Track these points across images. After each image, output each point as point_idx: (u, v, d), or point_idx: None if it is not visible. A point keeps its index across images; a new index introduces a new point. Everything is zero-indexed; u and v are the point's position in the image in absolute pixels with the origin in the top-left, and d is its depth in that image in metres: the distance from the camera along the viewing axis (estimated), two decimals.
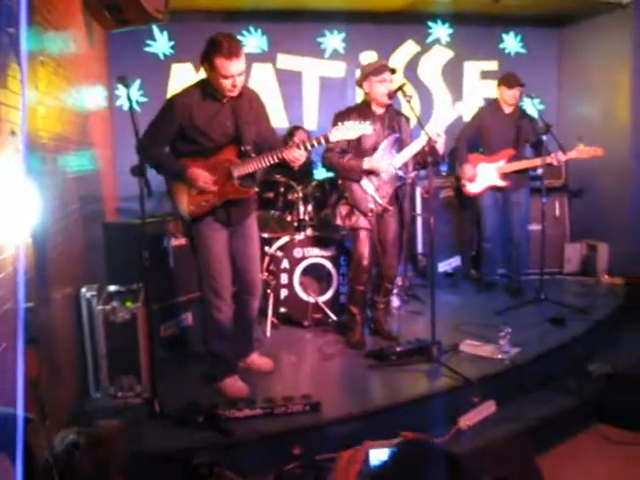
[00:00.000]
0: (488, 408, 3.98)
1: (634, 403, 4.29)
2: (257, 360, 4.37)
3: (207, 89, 3.76)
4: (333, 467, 1.52)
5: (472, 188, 6.16)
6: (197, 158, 3.81)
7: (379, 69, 4.62)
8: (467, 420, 3.83)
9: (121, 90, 6.03)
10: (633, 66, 6.59)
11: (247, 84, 4.00)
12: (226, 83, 3.65)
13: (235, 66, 3.60)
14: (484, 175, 6.09)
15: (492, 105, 6.23)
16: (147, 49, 6.46)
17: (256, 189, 4.13)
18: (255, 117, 3.96)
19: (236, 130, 3.84)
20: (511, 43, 7.55)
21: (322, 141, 3.92)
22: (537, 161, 5.84)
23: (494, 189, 6.10)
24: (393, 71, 4.65)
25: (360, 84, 4.75)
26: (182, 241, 4.70)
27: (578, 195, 7.25)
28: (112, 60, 6.18)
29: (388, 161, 4.65)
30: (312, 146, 3.88)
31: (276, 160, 3.83)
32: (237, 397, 3.82)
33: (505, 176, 6.01)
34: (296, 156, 3.83)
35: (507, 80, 6.01)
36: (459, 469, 1.35)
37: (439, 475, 1.31)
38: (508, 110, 6.07)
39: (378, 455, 1.43)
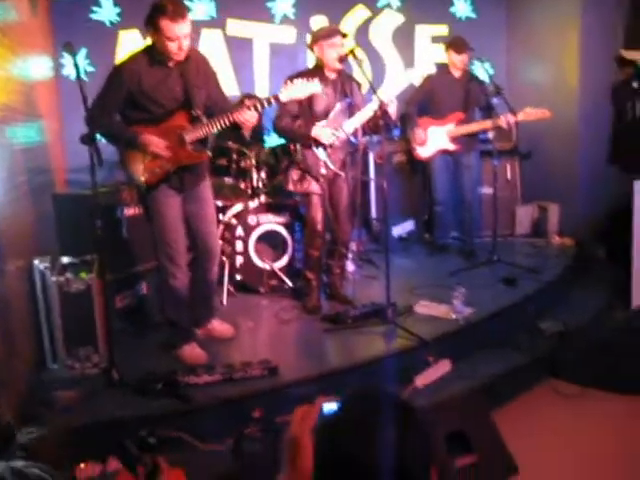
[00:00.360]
0: (443, 367, 4.06)
1: (583, 359, 4.44)
2: (218, 327, 4.38)
3: (154, 54, 3.72)
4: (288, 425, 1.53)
5: (423, 152, 6.21)
6: (148, 125, 3.77)
7: (330, 33, 4.60)
8: (423, 379, 3.91)
9: (67, 59, 5.89)
10: (582, 29, 6.66)
11: (194, 48, 3.95)
12: (172, 46, 3.62)
13: (180, 28, 3.57)
14: (434, 139, 6.13)
15: (441, 69, 6.27)
16: (92, 16, 6.30)
17: (209, 154, 4.11)
18: (204, 81, 3.93)
19: (185, 95, 3.81)
20: (461, 7, 7.56)
21: (272, 101, 3.92)
22: (486, 123, 5.90)
23: (445, 153, 6.15)
24: (344, 35, 4.64)
25: (311, 48, 4.72)
26: (135, 210, 4.66)
27: (528, 157, 7.35)
28: (57, 29, 5.98)
29: (335, 130, 4.64)
30: (262, 106, 3.88)
31: (228, 123, 3.82)
32: (195, 364, 3.83)
33: (455, 139, 6.07)
34: (247, 118, 3.83)
35: (455, 45, 6.03)
36: (411, 414, 1.38)
37: (391, 420, 1.33)
38: (457, 74, 6.10)
39: (330, 408, 1.45)
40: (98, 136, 3.57)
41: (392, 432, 1.31)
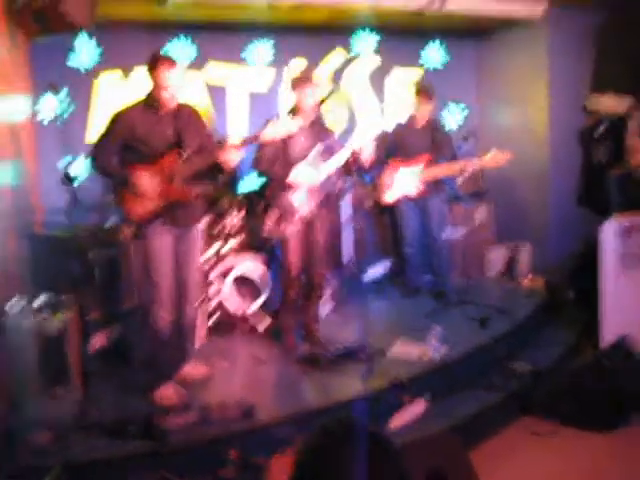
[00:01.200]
0: (418, 407, 4.09)
1: (556, 397, 4.51)
2: (194, 369, 4.38)
3: (148, 102, 4.03)
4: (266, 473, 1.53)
5: (391, 196, 6.30)
6: (141, 165, 3.96)
7: (308, 79, 4.72)
8: (398, 419, 3.93)
9: (45, 100, 5.92)
10: (550, 75, 6.90)
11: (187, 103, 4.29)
12: (165, 94, 3.94)
13: (174, 75, 3.94)
14: (403, 183, 6.24)
15: (410, 116, 6.38)
16: (72, 58, 6.36)
17: (198, 190, 4.24)
18: (195, 128, 4.16)
19: (177, 136, 4.05)
20: (433, 53, 7.75)
21: (254, 139, 4.19)
22: (454, 167, 6.03)
23: (413, 196, 6.25)
24: (322, 81, 4.75)
25: (290, 93, 4.83)
26: (112, 252, 4.68)
27: (499, 200, 7.49)
28: (37, 69, 6.03)
29: (313, 173, 4.72)
30: (246, 144, 4.13)
31: (213, 160, 4.07)
32: (173, 405, 3.83)
33: (423, 183, 6.17)
34: (231, 157, 4.05)
35: (422, 93, 6.18)
36: (385, 446, 1.39)
37: (361, 452, 1.33)
38: (424, 121, 6.24)
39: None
40: (78, 178, 3.69)
41: (365, 463, 1.32)
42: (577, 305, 6.36)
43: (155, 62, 3.96)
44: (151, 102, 4.02)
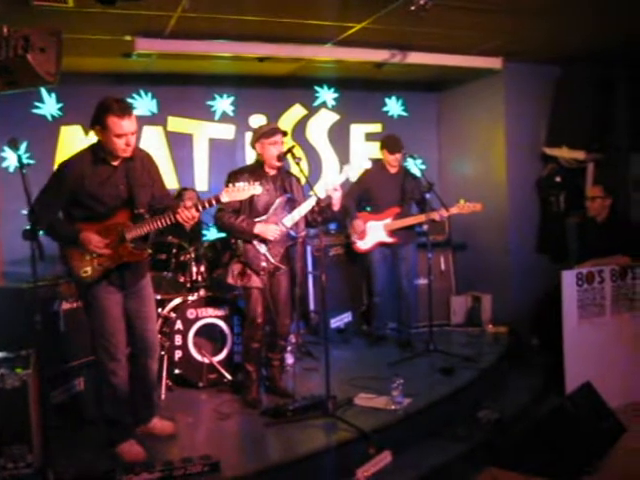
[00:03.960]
0: (384, 458, 4.07)
1: (522, 446, 4.50)
2: (158, 424, 4.29)
3: (98, 153, 3.79)
4: None
5: (362, 245, 6.37)
6: (90, 222, 3.80)
7: (271, 132, 4.77)
8: (365, 472, 3.90)
9: (8, 153, 5.90)
10: (506, 127, 7.09)
11: (138, 146, 4.05)
12: (119, 142, 3.70)
13: (127, 124, 3.68)
14: (373, 232, 6.31)
15: (377, 165, 6.50)
16: (35, 111, 6.37)
17: (149, 251, 4.14)
18: (148, 178, 4.01)
19: (129, 193, 3.88)
20: (393, 106, 7.94)
21: (213, 202, 3.99)
22: (421, 217, 6.13)
23: (382, 245, 6.33)
24: (284, 134, 4.82)
25: (253, 145, 4.87)
26: (73, 304, 4.63)
27: (461, 249, 7.61)
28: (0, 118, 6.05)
29: (277, 226, 4.75)
30: (204, 207, 3.94)
31: (170, 222, 3.86)
32: (134, 461, 3.75)
33: (392, 233, 6.26)
34: (189, 217, 3.87)
35: (389, 145, 6.29)
36: None
37: None
38: (393, 170, 6.34)
39: None
40: (41, 232, 3.57)
41: None
42: (541, 351, 6.46)
43: (107, 107, 3.66)
44: (101, 153, 3.79)
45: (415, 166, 6.59)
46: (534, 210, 7.23)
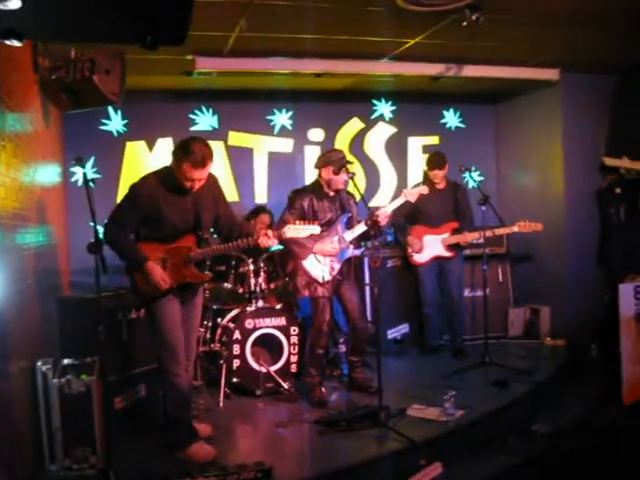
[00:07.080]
0: (435, 470, 4.09)
1: (575, 461, 4.47)
2: (197, 426, 4.39)
3: (171, 180, 3.98)
4: None
5: (419, 258, 6.45)
6: (157, 242, 4.05)
7: (341, 164, 4.97)
8: None
9: (77, 168, 6.17)
10: (564, 138, 7.03)
11: None
12: (187, 183, 3.93)
13: (199, 174, 3.90)
14: (431, 246, 6.39)
15: (425, 181, 6.49)
16: (101, 127, 6.65)
17: (210, 274, 4.39)
18: (213, 202, 4.23)
19: (196, 218, 4.11)
20: (450, 118, 7.95)
21: (276, 242, 4.27)
22: (478, 235, 6.18)
23: (438, 259, 6.39)
24: (351, 163, 5.01)
25: (318, 168, 5.12)
26: (136, 314, 4.84)
27: (520, 261, 7.56)
28: (67, 138, 6.34)
29: (334, 244, 5.06)
30: (277, 239, 4.25)
31: (248, 245, 4.19)
32: (206, 461, 3.92)
33: (450, 247, 6.33)
34: (269, 243, 4.20)
35: (428, 162, 6.48)
36: None
37: None
38: (440, 186, 6.42)
39: None
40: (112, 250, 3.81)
41: None
42: (599, 363, 6.37)
43: (188, 153, 3.82)
44: (173, 180, 3.96)
45: (471, 179, 6.60)
46: (593, 222, 7.14)
